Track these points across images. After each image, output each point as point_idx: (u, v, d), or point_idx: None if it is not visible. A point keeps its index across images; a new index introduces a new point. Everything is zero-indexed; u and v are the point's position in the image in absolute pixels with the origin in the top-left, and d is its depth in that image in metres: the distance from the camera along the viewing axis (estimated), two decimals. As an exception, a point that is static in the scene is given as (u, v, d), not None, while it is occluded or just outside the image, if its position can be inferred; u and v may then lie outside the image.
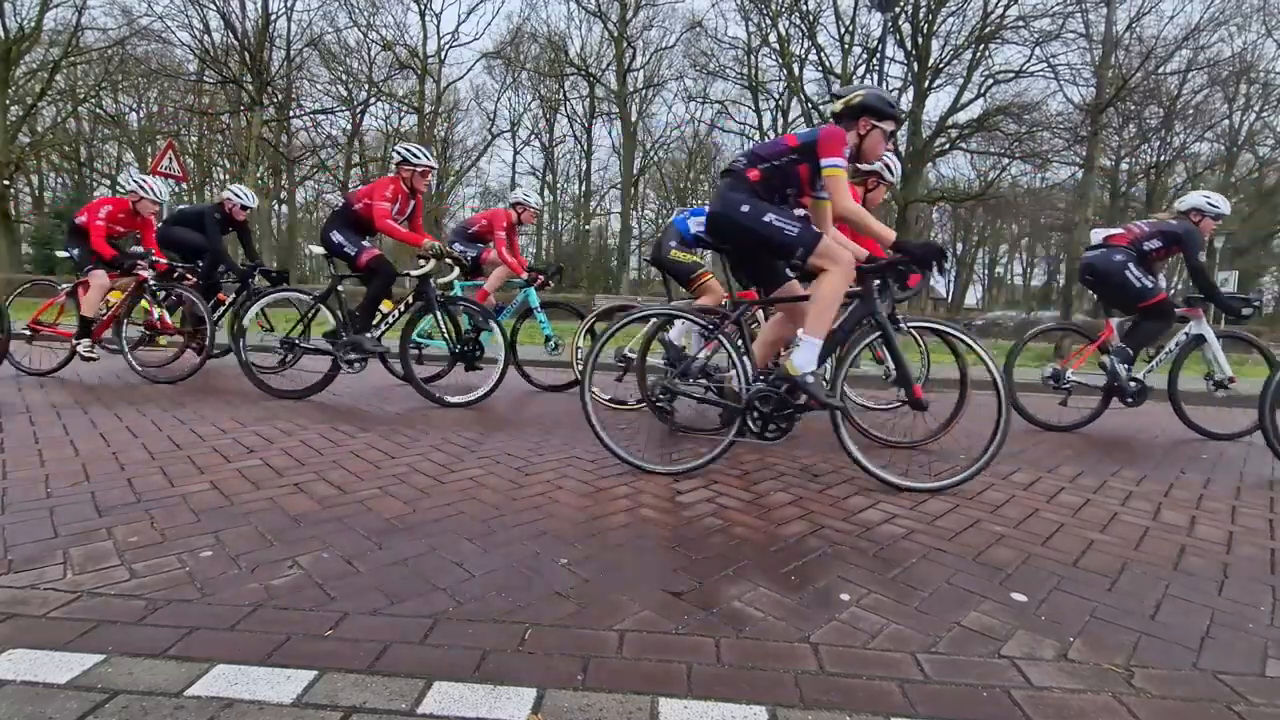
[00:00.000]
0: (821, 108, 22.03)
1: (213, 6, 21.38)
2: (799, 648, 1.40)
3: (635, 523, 2.16)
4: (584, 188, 34.34)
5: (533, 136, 34.15)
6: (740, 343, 2.72)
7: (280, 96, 24.40)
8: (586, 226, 36.02)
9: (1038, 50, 19.96)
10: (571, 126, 33.55)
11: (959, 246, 39.93)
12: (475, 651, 1.33)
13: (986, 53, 21.27)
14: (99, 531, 1.88)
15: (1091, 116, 15.66)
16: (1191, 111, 21.48)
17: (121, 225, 4.95)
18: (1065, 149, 20.66)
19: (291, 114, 25.52)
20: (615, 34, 28.50)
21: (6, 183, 21.60)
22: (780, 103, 26.73)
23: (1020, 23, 19.94)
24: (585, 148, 33.30)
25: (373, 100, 28.55)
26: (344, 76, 27.18)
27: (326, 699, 1.15)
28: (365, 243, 4.32)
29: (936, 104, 26.73)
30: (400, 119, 30.22)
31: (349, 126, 28.98)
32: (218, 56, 22.01)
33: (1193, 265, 4.00)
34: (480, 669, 1.27)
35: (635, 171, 31.24)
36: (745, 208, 2.63)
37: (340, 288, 4.35)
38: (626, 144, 29.89)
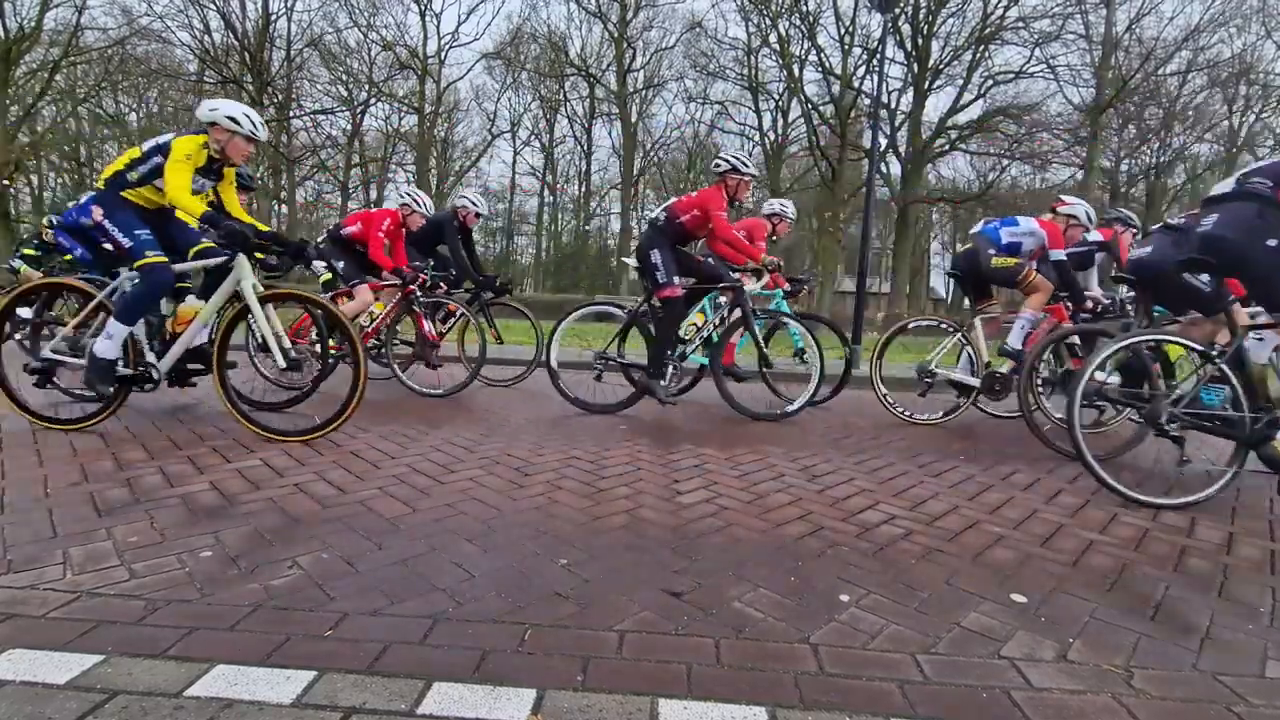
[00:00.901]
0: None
1: (213, 6, 21.42)
2: (799, 648, 1.40)
3: (635, 523, 2.16)
4: (584, 188, 34.37)
5: (533, 137, 34.18)
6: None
7: (280, 97, 24.42)
8: (586, 227, 36.04)
9: (1037, 51, 20.03)
10: (572, 127, 33.59)
11: (959, 247, 39.96)
12: (475, 652, 1.33)
13: (986, 54, 21.33)
14: (98, 531, 1.88)
15: (1091, 118, 15.70)
16: (1191, 112, 21.51)
17: (390, 237, 4.77)
18: (1065, 150, 20.71)
19: (292, 114, 25.53)
20: (615, 34, 28.54)
21: (6, 183, 21.59)
22: (780, 103, 26.76)
23: (1020, 24, 20.00)
24: (585, 148, 33.34)
25: (373, 100, 28.56)
26: (344, 77, 27.20)
27: (326, 699, 1.15)
28: (675, 280, 4.11)
29: (936, 105, 26.87)
30: (400, 119, 30.25)
31: (349, 127, 28.99)
32: (218, 56, 22.03)
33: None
34: (480, 669, 1.27)
35: (635, 172, 31.26)
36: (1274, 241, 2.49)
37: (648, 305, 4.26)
38: (626, 144, 29.92)
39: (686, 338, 4.33)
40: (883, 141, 20.26)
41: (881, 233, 31.31)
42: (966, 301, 4.56)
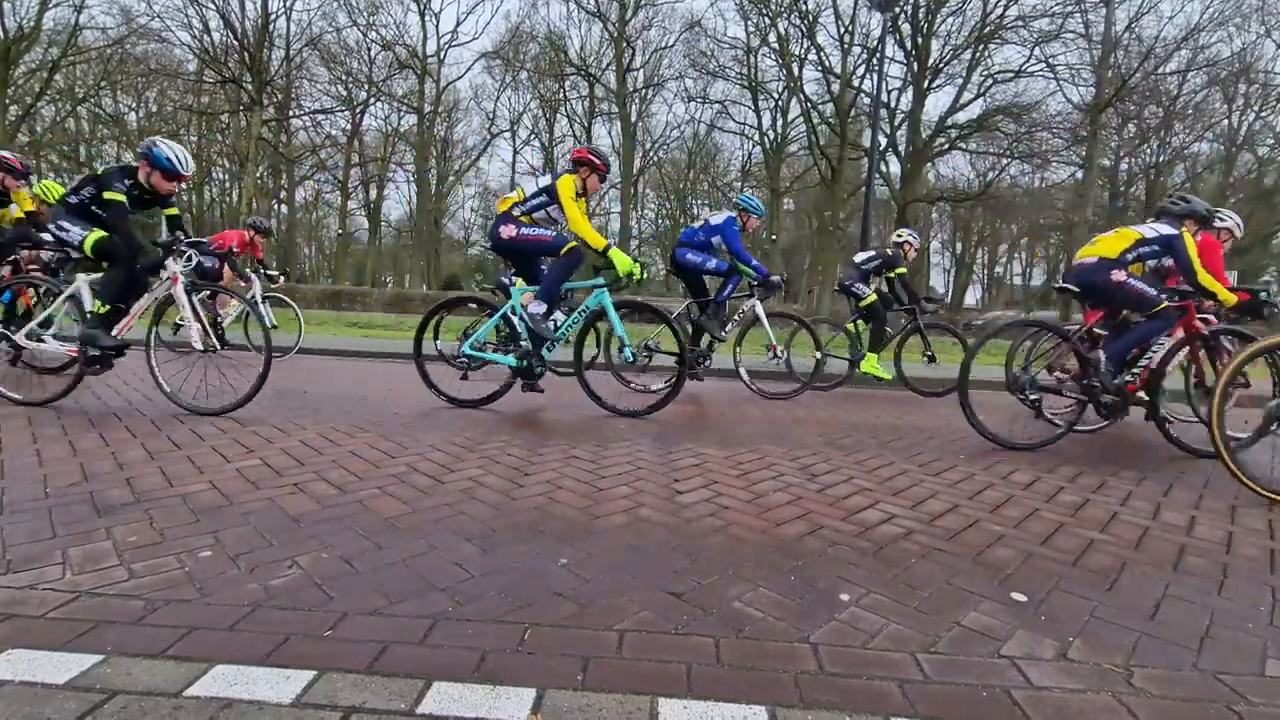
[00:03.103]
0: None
1: (212, 6, 21.41)
2: (799, 648, 1.40)
3: (635, 523, 2.16)
4: (583, 187, 34.25)
5: (532, 136, 34.18)
6: None
7: (280, 96, 24.42)
8: (586, 226, 35.95)
9: (1037, 50, 20.01)
10: (571, 126, 33.54)
11: (958, 246, 39.96)
12: (475, 651, 1.33)
13: (986, 53, 21.30)
14: (98, 531, 1.88)
15: (1091, 116, 15.70)
16: (1191, 111, 21.50)
17: None
18: (1065, 149, 20.70)
19: (291, 114, 25.54)
20: (615, 34, 28.52)
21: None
22: (780, 103, 26.75)
23: (1020, 23, 19.98)
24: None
25: (372, 100, 28.59)
26: (343, 76, 27.22)
27: (326, 699, 1.15)
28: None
29: (936, 104, 26.80)
30: (400, 119, 30.26)
31: (348, 126, 29.00)
32: (217, 56, 22.03)
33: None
34: (480, 669, 1.26)
35: (635, 171, 31.25)
36: None
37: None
38: (626, 144, 29.90)
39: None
40: (882, 140, 20.24)
41: (881, 232, 31.27)
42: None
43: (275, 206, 30.87)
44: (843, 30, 22.34)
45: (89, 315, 3.60)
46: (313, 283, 31.16)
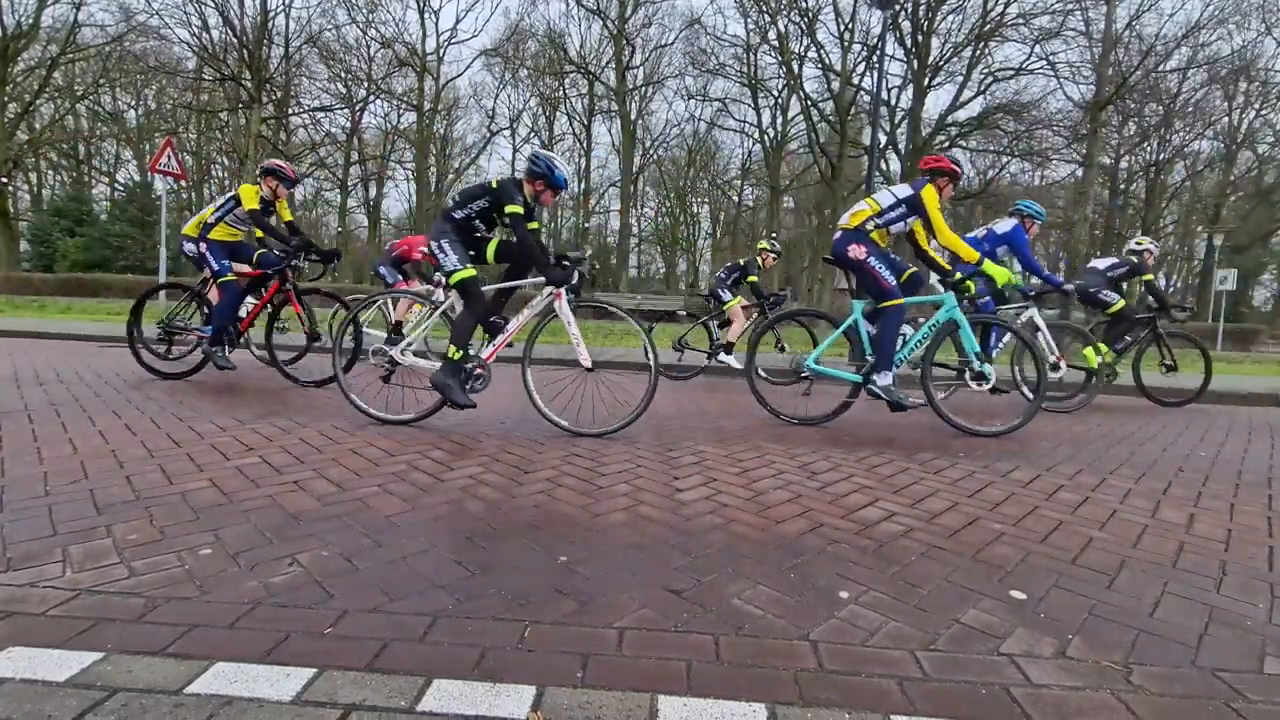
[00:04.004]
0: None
1: (211, 3, 21.33)
2: (798, 645, 1.40)
3: (635, 520, 2.16)
4: (583, 186, 34.31)
5: (532, 134, 34.13)
6: None
7: (279, 94, 24.36)
8: (586, 225, 36.00)
9: (1037, 48, 19.95)
10: (571, 124, 33.55)
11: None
12: (475, 649, 1.33)
13: (986, 50, 21.27)
14: (98, 529, 1.88)
15: (1091, 114, 15.62)
16: (1191, 109, 21.48)
17: None
18: (1065, 147, 20.68)
19: (290, 111, 25.48)
20: (614, 31, 28.48)
21: (5, 180, 21.56)
22: (780, 100, 26.72)
23: (1020, 20, 19.94)
24: (585, 145, 33.29)
25: (372, 98, 28.54)
26: (343, 74, 27.16)
27: (326, 697, 1.15)
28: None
29: (936, 102, 26.76)
30: (399, 117, 30.20)
31: (348, 124, 28.94)
32: (216, 54, 21.97)
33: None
34: (479, 667, 1.27)
35: (635, 169, 31.22)
36: None
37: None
38: (626, 142, 29.88)
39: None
40: (882, 138, 20.22)
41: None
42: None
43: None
44: (843, 28, 22.33)
45: (446, 359, 3.44)
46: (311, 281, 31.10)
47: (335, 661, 1.26)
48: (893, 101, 22.68)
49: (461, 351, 3.42)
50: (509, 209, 3.43)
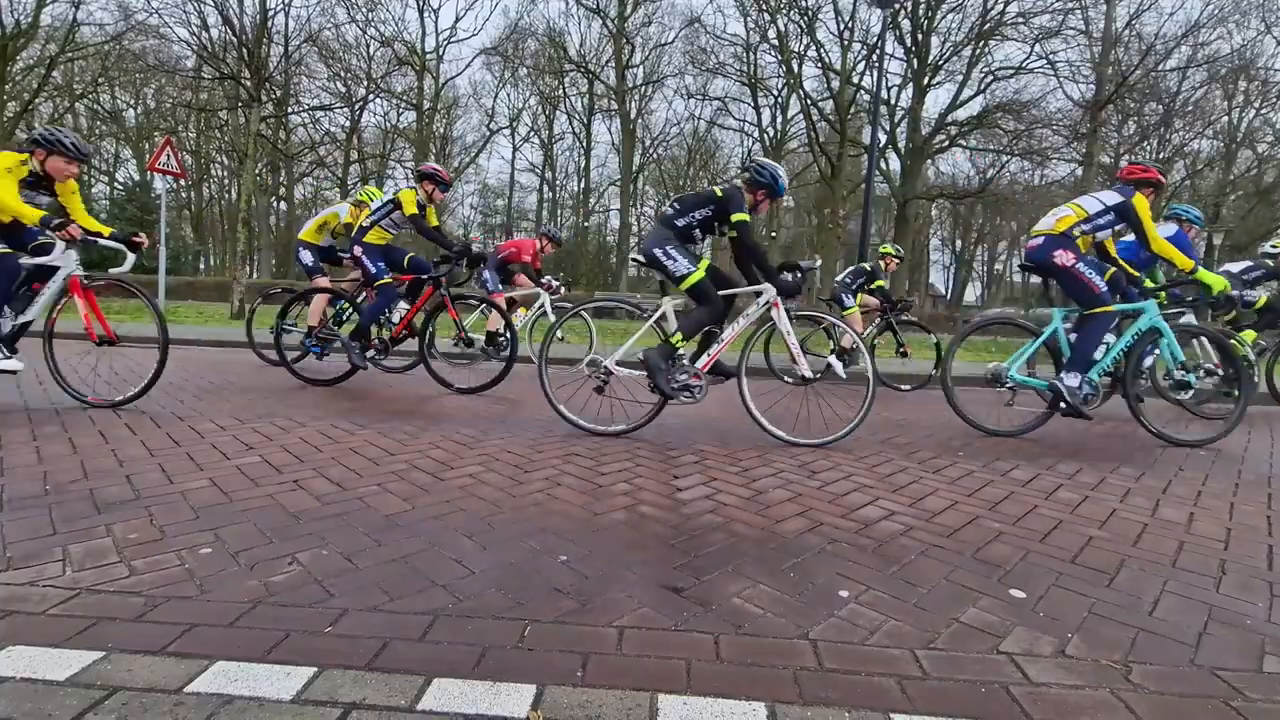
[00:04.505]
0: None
1: (210, 2, 21.24)
2: (798, 644, 1.40)
3: (635, 519, 2.16)
4: (583, 185, 34.32)
5: (532, 133, 34.14)
6: None
7: (279, 93, 24.32)
8: (586, 224, 35.98)
9: (1037, 47, 19.97)
10: (570, 123, 33.54)
11: (958, 244, 39.94)
12: (475, 648, 1.33)
13: (986, 49, 21.26)
14: (98, 528, 1.88)
15: (1091, 113, 15.67)
16: (1190, 108, 21.46)
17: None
18: (1065, 146, 20.67)
19: (290, 110, 25.45)
20: (614, 30, 28.46)
21: (4, 179, 21.48)
22: (779, 99, 26.70)
23: (1020, 19, 19.94)
24: (584, 144, 33.30)
25: (371, 97, 28.50)
26: (342, 73, 27.11)
27: (326, 696, 1.15)
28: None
29: (936, 101, 26.77)
30: (399, 115, 30.18)
31: (347, 123, 28.93)
32: (215, 52, 21.92)
33: None
34: (480, 666, 1.27)
35: (634, 168, 31.21)
36: None
37: None
38: (625, 141, 29.87)
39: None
40: (882, 137, 20.21)
41: (881, 228, 31.27)
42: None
43: (274, 204, 30.82)
44: (842, 26, 22.28)
45: (669, 361, 3.42)
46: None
47: (335, 660, 1.26)
48: (892, 100, 22.66)
49: (684, 342, 3.43)
50: (736, 217, 3.41)
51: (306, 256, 5.70)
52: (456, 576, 1.67)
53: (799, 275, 3.41)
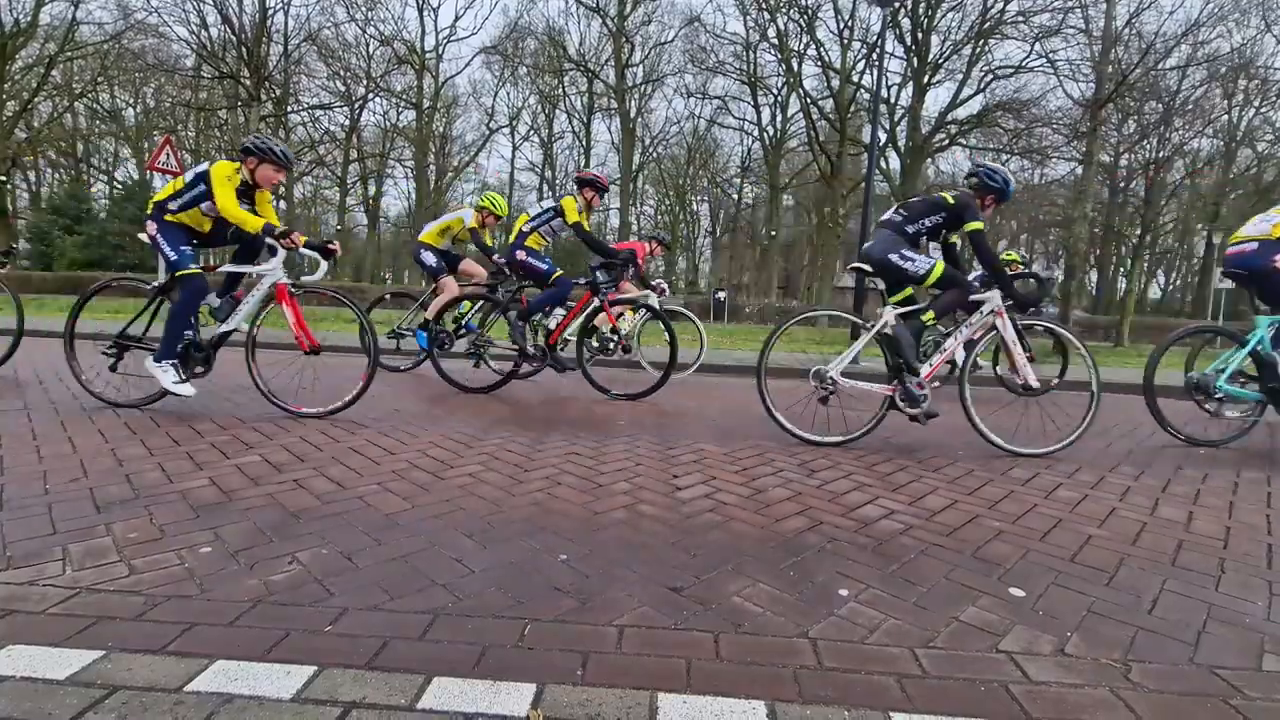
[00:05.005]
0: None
1: (209, 1, 21.29)
2: (798, 643, 1.41)
3: (635, 518, 2.16)
4: (582, 184, 34.24)
5: (531, 132, 34.12)
6: None
7: (278, 92, 24.33)
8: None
9: (1037, 46, 19.97)
10: (570, 122, 33.52)
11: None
12: (475, 647, 1.33)
13: (986, 48, 21.27)
14: (98, 528, 1.88)
15: (1091, 112, 15.66)
16: (1190, 107, 21.43)
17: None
18: (1064, 145, 20.67)
19: (289, 109, 25.45)
20: (614, 29, 28.43)
21: (3, 178, 21.53)
22: (779, 98, 26.69)
23: (1020, 18, 19.94)
24: (584, 143, 33.27)
25: (371, 95, 28.50)
26: (342, 71, 27.13)
27: (326, 694, 1.15)
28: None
29: (936, 99, 26.68)
30: (399, 114, 30.17)
31: (347, 122, 28.92)
32: (215, 51, 21.94)
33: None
34: (480, 664, 1.27)
35: (634, 167, 31.18)
36: None
37: None
38: (625, 140, 29.84)
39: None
40: (882, 136, 20.23)
41: (881, 228, 31.20)
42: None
43: (273, 203, 30.75)
44: (842, 25, 22.30)
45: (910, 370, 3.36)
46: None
47: (335, 659, 1.26)
48: (892, 99, 22.66)
49: (935, 320, 3.44)
50: (970, 226, 3.37)
51: (429, 258, 5.66)
52: (456, 575, 1.67)
53: (1039, 284, 3.33)
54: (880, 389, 3.45)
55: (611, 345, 5.02)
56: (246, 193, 3.67)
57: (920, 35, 21.50)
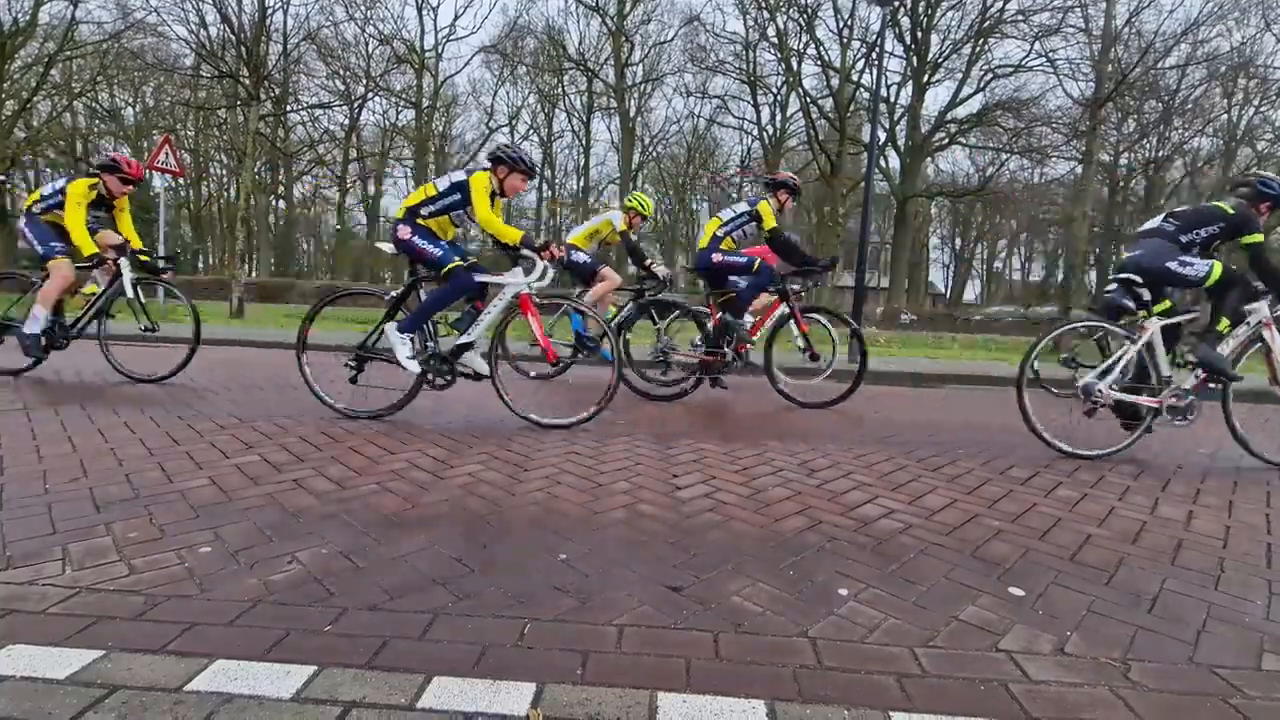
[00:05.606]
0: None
1: (209, 0, 21.25)
2: (797, 642, 1.41)
3: (634, 518, 2.16)
4: (582, 183, 34.28)
5: (531, 131, 34.07)
6: None
7: (277, 91, 24.31)
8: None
9: (1037, 45, 19.95)
10: (570, 121, 33.48)
11: (957, 241, 39.92)
12: (474, 646, 1.33)
13: (986, 47, 21.26)
14: (98, 527, 1.88)
15: (1090, 111, 15.64)
16: (1190, 106, 21.45)
17: None
18: (1064, 144, 20.64)
19: (289, 109, 25.44)
20: (613, 28, 28.41)
21: (3, 178, 21.52)
22: (779, 97, 26.66)
23: (1020, 17, 19.92)
24: (584, 142, 33.23)
25: (370, 95, 28.50)
26: (341, 71, 27.12)
27: (326, 694, 1.15)
28: None
29: (936, 98, 26.66)
30: (398, 114, 30.16)
31: (346, 121, 28.91)
32: (214, 50, 21.88)
33: None
34: (479, 664, 1.27)
35: (634, 166, 31.15)
36: None
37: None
38: (625, 139, 29.82)
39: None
40: (882, 135, 20.21)
41: (880, 227, 31.26)
42: None
43: (273, 202, 30.79)
44: (842, 25, 22.24)
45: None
46: (309, 278, 31.11)
47: (335, 659, 1.26)
48: (892, 98, 22.66)
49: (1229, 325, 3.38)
50: (1249, 240, 3.26)
51: (581, 257, 5.55)
52: (456, 575, 1.67)
53: (1263, 292, 3.24)
54: (1148, 402, 3.38)
55: (806, 353, 4.86)
56: (98, 203, 3.80)
57: (920, 34, 21.50)
